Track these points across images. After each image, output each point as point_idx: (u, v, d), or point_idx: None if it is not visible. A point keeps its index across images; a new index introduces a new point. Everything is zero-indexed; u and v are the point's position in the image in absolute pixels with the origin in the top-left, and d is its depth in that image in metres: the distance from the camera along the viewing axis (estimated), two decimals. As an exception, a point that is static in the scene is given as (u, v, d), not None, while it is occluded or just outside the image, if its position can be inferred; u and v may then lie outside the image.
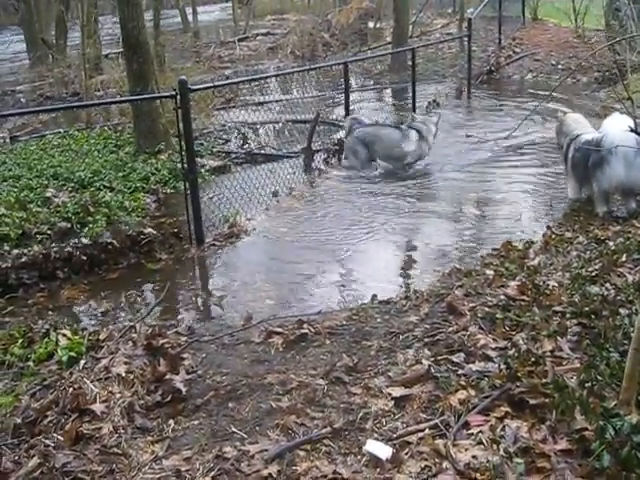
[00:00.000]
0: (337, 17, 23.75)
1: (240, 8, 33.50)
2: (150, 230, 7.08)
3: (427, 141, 9.75)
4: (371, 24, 23.35)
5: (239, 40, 25.83)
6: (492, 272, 5.58)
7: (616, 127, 7.07)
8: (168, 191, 8.65)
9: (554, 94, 13.88)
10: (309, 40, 22.04)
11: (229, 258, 7.03)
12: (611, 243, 5.91)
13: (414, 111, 12.09)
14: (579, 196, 7.84)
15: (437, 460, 3.13)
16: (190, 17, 31.33)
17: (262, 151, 10.42)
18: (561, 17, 19.93)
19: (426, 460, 3.15)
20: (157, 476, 3.34)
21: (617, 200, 7.53)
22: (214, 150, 10.34)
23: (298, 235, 7.49)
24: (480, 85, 15.66)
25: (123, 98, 10.07)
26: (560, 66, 16.87)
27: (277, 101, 13.87)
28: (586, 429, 3.11)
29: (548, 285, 4.98)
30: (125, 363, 4.45)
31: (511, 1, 19.58)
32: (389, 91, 16.41)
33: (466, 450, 3.16)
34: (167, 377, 4.23)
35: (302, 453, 3.33)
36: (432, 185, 9.16)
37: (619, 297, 4.60)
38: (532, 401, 3.43)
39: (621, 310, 4.38)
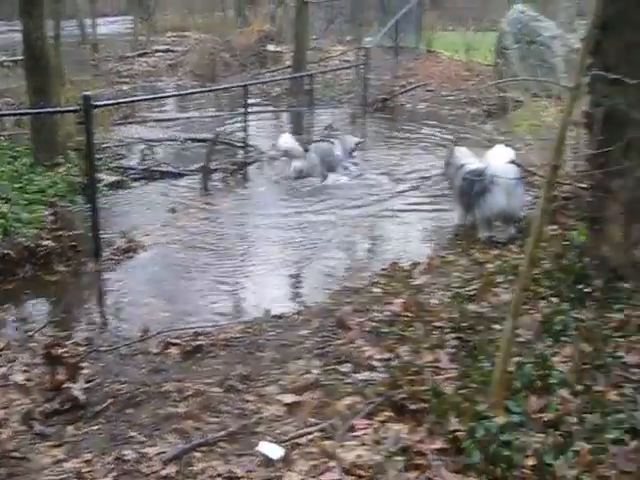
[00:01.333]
0: (238, 38, 23.97)
1: (141, 22, 33.34)
2: (48, 242, 7.11)
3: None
4: (271, 47, 23.68)
5: (138, 55, 25.71)
6: (380, 290, 5.92)
7: (498, 159, 7.59)
8: (66, 204, 8.64)
9: (445, 125, 14.58)
10: (209, 59, 22.15)
11: (126, 272, 7.16)
12: (490, 265, 6.34)
13: (310, 134, 12.51)
14: (464, 221, 8.31)
15: (325, 459, 3.37)
16: (89, 29, 30.87)
17: (160, 168, 10.52)
18: (454, 50, 20.82)
19: (315, 460, 3.38)
20: (58, 477, 3.46)
21: (498, 226, 8.02)
22: (112, 165, 10.39)
23: (194, 251, 7.68)
24: (375, 113, 16.16)
25: (27, 110, 9.93)
26: (451, 97, 17.59)
27: (175, 119, 13.91)
28: (459, 430, 3.42)
29: (430, 303, 5.35)
30: (24, 371, 4.55)
31: (407, 32, 20.33)
32: (287, 114, 16.75)
33: (351, 450, 3.41)
34: (66, 385, 4.35)
35: (199, 455, 3.52)
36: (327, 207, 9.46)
37: (493, 314, 4.99)
38: (412, 406, 3.73)
39: (495, 326, 4.76)
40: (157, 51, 27.31)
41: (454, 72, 19.21)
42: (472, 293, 5.48)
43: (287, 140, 10.72)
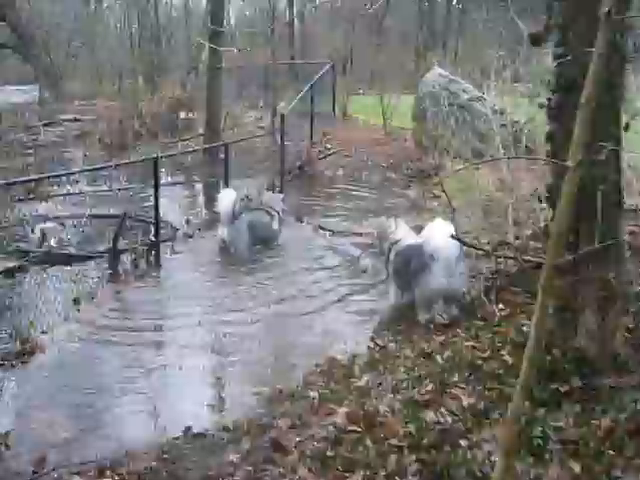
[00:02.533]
0: (148, 105, 23.21)
1: (48, 91, 32.33)
2: None
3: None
4: (183, 114, 22.99)
5: (44, 125, 24.68)
6: (317, 394, 5.13)
7: (437, 233, 6.95)
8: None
9: (367, 191, 14.03)
10: (118, 128, 21.28)
11: (20, 382, 6.09)
12: (439, 358, 5.63)
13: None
14: (400, 301, 7.62)
15: None
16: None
17: (64, 250, 9.47)
18: (369, 114, 20.53)
19: None
20: None
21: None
22: (9, 249, 9.34)
23: (101, 351, 6.69)
24: (292, 181, 15.51)
25: None
26: (370, 162, 17.14)
27: (81, 193, 12.80)
28: None
29: (379, 411, 4.58)
30: None
31: (322, 97, 19.88)
32: (202, 186, 15.98)
33: None
34: None
35: None
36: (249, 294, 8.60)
37: (456, 425, 4.26)
38: None
39: (461, 441, 4.03)
40: (64, 120, 26.36)
41: (372, 137, 18.82)
42: (426, 397, 4.74)
43: (223, 199, 10.01)
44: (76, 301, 7.71)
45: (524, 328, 5.53)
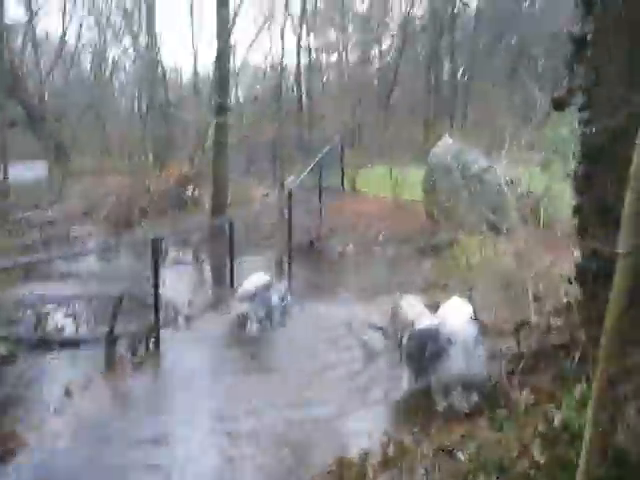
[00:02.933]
0: (156, 182, 23.02)
1: (57, 167, 32.26)
2: None
3: None
4: (190, 191, 22.77)
5: (52, 203, 24.50)
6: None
7: (454, 314, 6.47)
8: None
9: (378, 268, 13.58)
10: (126, 205, 21.04)
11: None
12: (461, 455, 5.07)
13: (232, 286, 11.37)
14: (414, 387, 7.08)
15: None
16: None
17: (57, 336, 8.95)
18: (378, 187, 20.19)
19: None
20: None
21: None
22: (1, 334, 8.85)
23: (92, 451, 6.08)
24: (301, 257, 15.08)
25: None
26: (381, 236, 16.73)
27: (70, 276, 12.24)
28: None
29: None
30: None
31: (330, 171, 19.58)
32: (206, 264, 15.57)
33: None
34: None
35: None
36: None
37: None
38: None
39: None
40: (72, 197, 26.21)
41: (382, 210, 18.42)
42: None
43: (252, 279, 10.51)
44: (68, 392, 7.14)
45: (554, 420, 4.98)
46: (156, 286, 8.71)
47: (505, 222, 14.29)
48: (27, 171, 36.44)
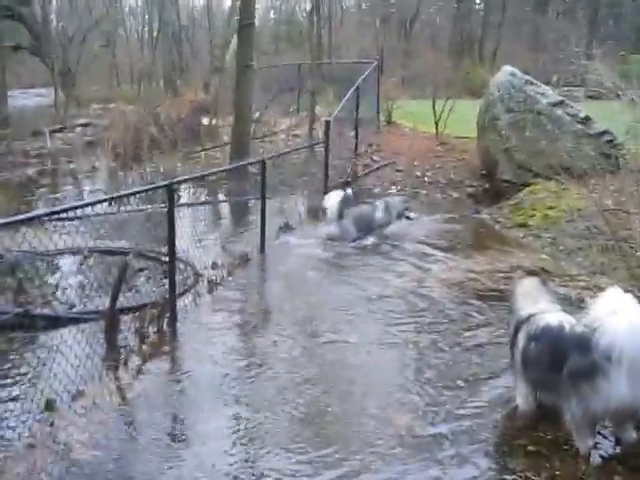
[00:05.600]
0: (167, 110, 20.74)
1: (63, 94, 30.04)
2: None
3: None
4: (206, 120, 20.50)
5: (53, 131, 22.32)
6: None
7: (622, 314, 4.32)
8: None
9: (425, 219, 11.47)
10: (134, 135, 18.80)
11: None
12: None
13: (262, 238, 9.32)
14: (533, 407, 5.01)
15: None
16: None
17: (44, 310, 6.81)
18: (417, 122, 17.94)
19: None
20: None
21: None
22: None
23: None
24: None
25: None
26: (426, 178, 14.57)
27: (78, 218, 9.64)
28: None
29: None
30: None
31: (361, 102, 17.22)
32: (229, 207, 13.43)
33: None
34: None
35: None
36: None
37: None
38: None
39: None
40: (76, 126, 24.08)
41: (425, 147, 16.19)
42: None
43: (330, 200, 10.81)
44: (49, 405, 4.95)
45: None
46: (171, 247, 6.56)
47: (582, 164, 12.19)
48: (31, 98, 34.36)
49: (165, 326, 6.46)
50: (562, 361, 4.54)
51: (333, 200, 10.74)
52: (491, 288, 7.78)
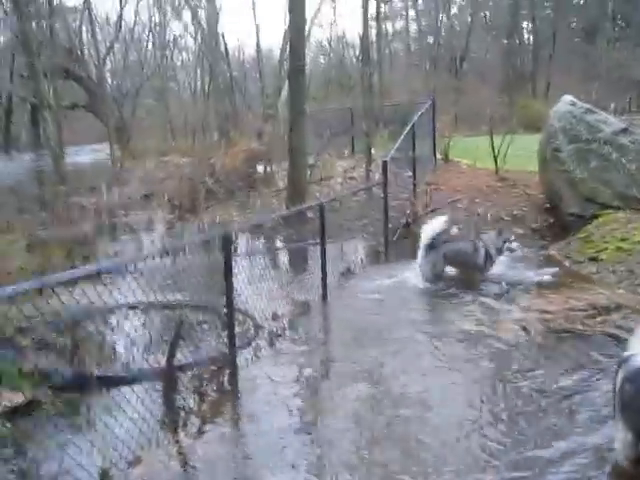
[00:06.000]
0: (222, 160, 20.72)
1: (119, 149, 30.47)
2: None
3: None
4: (260, 168, 20.39)
5: (110, 186, 22.43)
6: None
7: None
8: None
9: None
10: (189, 187, 18.78)
11: None
12: None
13: (325, 287, 8.95)
14: (635, 455, 4.51)
15: None
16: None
17: (99, 370, 6.50)
18: (474, 158, 17.56)
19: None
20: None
21: None
22: (25, 367, 6.45)
23: None
24: (398, 242, 12.59)
25: None
26: (488, 215, 14.09)
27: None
28: None
29: None
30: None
31: (419, 141, 16.88)
32: (286, 256, 13.09)
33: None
34: None
35: None
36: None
37: None
38: None
39: None
40: (132, 179, 24.22)
41: (484, 184, 15.76)
42: None
43: (427, 228, 10.04)
44: (104, 475, 4.63)
45: None
46: (229, 296, 6.25)
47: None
48: (88, 154, 34.86)
49: (225, 383, 6.11)
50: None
51: (433, 225, 9.94)
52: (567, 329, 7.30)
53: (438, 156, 18.42)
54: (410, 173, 15.25)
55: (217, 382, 6.05)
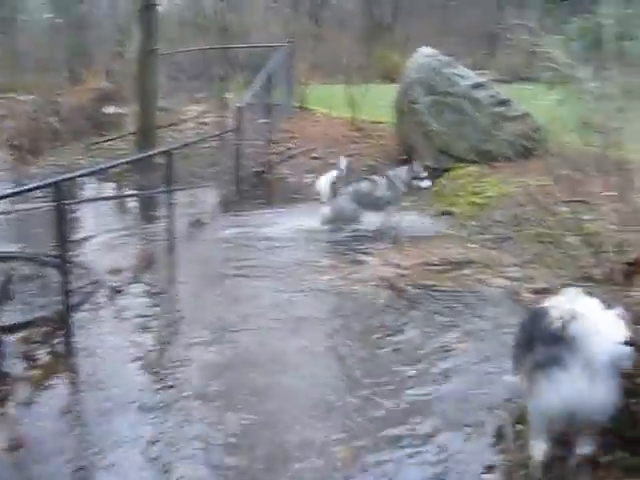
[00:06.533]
0: (68, 99, 19.53)
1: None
2: None
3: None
4: (110, 109, 19.37)
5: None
6: None
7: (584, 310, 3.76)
8: None
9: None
10: (32, 126, 17.59)
11: None
12: None
13: (172, 237, 8.51)
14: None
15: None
16: None
17: None
18: (332, 107, 17.34)
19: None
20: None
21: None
22: None
23: None
24: (251, 191, 12.24)
25: None
26: (344, 166, 13.91)
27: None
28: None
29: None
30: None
31: (276, 87, 16.49)
32: (134, 204, 12.45)
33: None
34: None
35: None
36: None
37: None
38: None
39: None
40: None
41: (341, 133, 15.56)
42: None
43: (320, 182, 10.36)
44: None
45: None
46: (63, 248, 5.70)
47: (499, 150, 11.84)
48: None
49: (59, 346, 5.61)
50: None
51: (324, 181, 10.13)
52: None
53: (295, 104, 18.05)
54: (266, 120, 14.85)
55: (51, 344, 5.53)
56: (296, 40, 24.68)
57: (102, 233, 8.72)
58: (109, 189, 13.03)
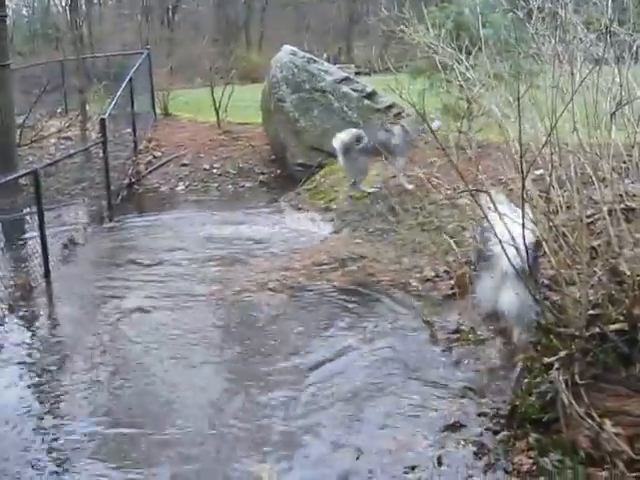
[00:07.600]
0: None
1: None
2: None
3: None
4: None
5: None
6: None
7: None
8: None
9: (233, 214, 10.73)
10: None
11: None
12: None
13: (46, 262, 8.12)
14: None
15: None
16: None
17: None
18: (196, 112, 17.13)
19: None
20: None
21: None
22: None
23: None
24: (121, 205, 11.88)
25: None
26: (214, 170, 13.78)
27: None
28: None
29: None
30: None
31: (138, 96, 16.08)
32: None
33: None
34: None
35: None
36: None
37: None
38: None
39: None
40: None
41: (207, 137, 15.37)
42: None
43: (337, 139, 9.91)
44: None
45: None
46: None
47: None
48: None
49: None
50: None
51: (340, 137, 9.88)
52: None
53: (158, 111, 17.69)
54: (130, 130, 14.48)
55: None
56: (151, 46, 24.22)
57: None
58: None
